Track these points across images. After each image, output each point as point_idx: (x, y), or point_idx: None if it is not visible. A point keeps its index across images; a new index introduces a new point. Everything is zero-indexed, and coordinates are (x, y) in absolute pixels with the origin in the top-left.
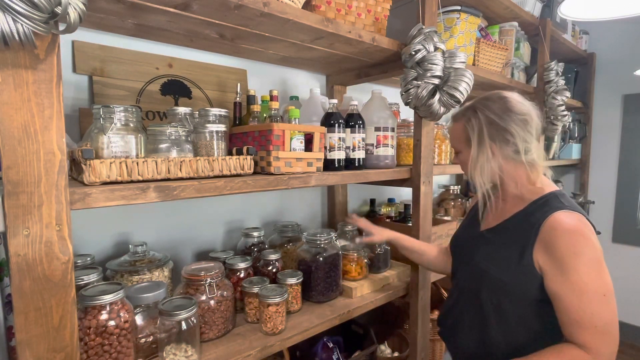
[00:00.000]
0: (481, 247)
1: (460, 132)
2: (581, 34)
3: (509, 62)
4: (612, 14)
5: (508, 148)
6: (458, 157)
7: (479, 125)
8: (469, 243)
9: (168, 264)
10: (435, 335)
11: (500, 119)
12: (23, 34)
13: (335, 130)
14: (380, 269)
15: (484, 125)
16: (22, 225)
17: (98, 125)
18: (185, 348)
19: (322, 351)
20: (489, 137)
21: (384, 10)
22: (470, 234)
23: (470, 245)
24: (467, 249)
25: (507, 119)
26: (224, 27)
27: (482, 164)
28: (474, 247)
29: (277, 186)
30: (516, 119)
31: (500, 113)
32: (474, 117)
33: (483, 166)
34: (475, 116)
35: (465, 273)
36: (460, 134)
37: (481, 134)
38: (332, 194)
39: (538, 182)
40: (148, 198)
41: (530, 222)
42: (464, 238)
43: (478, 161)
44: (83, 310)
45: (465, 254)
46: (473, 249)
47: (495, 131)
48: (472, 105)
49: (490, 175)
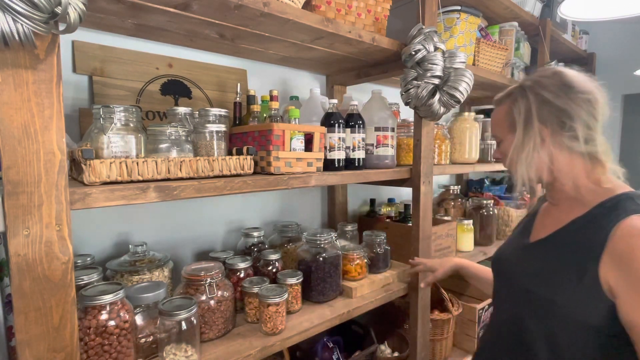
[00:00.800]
0: (527, 262)
1: (503, 117)
2: (581, 34)
3: (509, 62)
4: (612, 14)
5: (563, 133)
6: (499, 148)
7: (526, 105)
8: (512, 257)
9: (168, 264)
10: (435, 335)
11: (556, 96)
12: (23, 34)
13: (335, 130)
14: (380, 269)
15: (533, 104)
16: (22, 225)
17: (98, 125)
18: (185, 348)
19: (322, 351)
20: (538, 119)
21: (384, 10)
22: (515, 247)
23: (513, 259)
24: (508, 264)
25: (565, 97)
26: (224, 27)
27: (529, 152)
28: (517, 262)
29: (277, 186)
30: (577, 98)
31: (556, 90)
32: (522, 97)
33: (529, 155)
34: (524, 95)
35: (507, 295)
36: (503, 119)
37: (529, 115)
38: (332, 194)
39: (604, 182)
40: (148, 198)
41: (594, 230)
42: (507, 251)
43: (523, 148)
44: (83, 310)
45: (506, 271)
46: (516, 265)
47: (547, 112)
48: (521, 84)
49: (538, 167)
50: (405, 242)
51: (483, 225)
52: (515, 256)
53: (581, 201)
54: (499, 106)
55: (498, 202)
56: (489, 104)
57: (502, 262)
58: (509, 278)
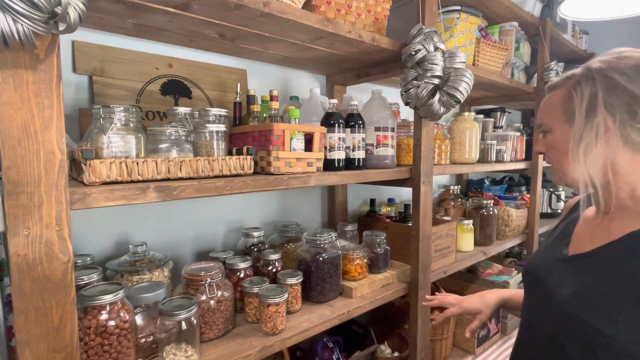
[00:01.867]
0: (569, 279)
1: (557, 103)
2: (581, 34)
3: (509, 62)
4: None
5: (634, 125)
6: (545, 139)
7: (592, 89)
8: (550, 270)
9: (168, 264)
10: (435, 335)
11: (631, 81)
12: (23, 34)
13: (335, 130)
14: (380, 269)
15: (600, 89)
16: (22, 225)
17: (98, 125)
18: (185, 348)
19: (322, 351)
20: (604, 105)
21: (384, 10)
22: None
23: (552, 273)
24: (545, 278)
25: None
26: (224, 27)
27: (589, 143)
28: (556, 278)
29: (277, 186)
30: None
31: (632, 73)
32: (586, 80)
33: (590, 147)
34: (590, 78)
35: (544, 314)
36: (557, 105)
37: (593, 101)
38: (332, 194)
39: None
40: (148, 198)
41: None
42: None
43: (582, 139)
44: (83, 310)
45: (542, 286)
46: (555, 281)
47: (617, 98)
48: (586, 66)
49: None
50: (405, 242)
51: (483, 225)
52: (554, 270)
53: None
54: (555, 90)
55: (498, 202)
56: (489, 104)
57: (537, 276)
58: (548, 295)
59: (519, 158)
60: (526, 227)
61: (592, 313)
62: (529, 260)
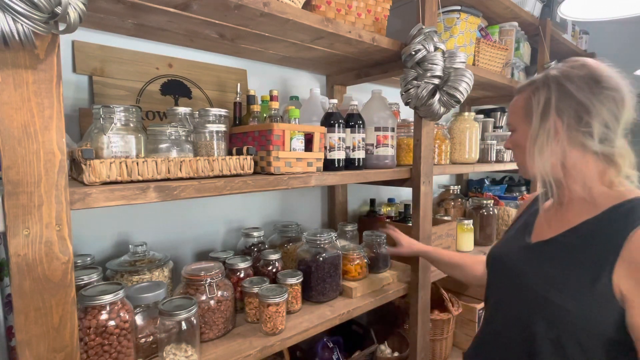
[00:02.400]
0: (533, 264)
1: (521, 105)
2: (581, 34)
3: (509, 62)
4: (612, 14)
5: (579, 129)
6: (511, 137)
7: (547, 95)
8: (515, 257)
9: (168, 264)
10: (435, 335)
11: (578, 89)
12: (23, 34)
13: (335, 130)
14: (380, 269)
15: (553, 95)
16: (22, 225)
17: (98, 125)
18: (185, 348)
19: (322, 351)
20: (555, 110)
21: (384, 10)
22: (516, 246)
23: (518, 259)
24: (511, 264)
25: (587, 91)
26: (224, 27)
27: (542, 144)
28: (522, 264)
29: (277, 186)
30: (600, 94)
31: (580, 82)
32: (543, 86)
33: (543, 146)
34: (546, 84)
35: (511, 296)
36: (521, 107)
37: (547, 106)
38: (332, 194)
39: (617, 185)
40: (148, 198)
41: (607, 235)
42: (508, 249)
43: (537, 140)
44: (83, 310)
45: (508, 271)
46: (521, 266)
47: (566, 104)
48: (545, 73)
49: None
50: None
51: (483, 225)
52: (519, 256)
53: (592, 203)
54: (519, 94)
55: (498, 202)
56: (489, 104)
57: (503, 262)
58: (514, 279)
59: None
60: None
61: (555, 292)
62: (493, 249)
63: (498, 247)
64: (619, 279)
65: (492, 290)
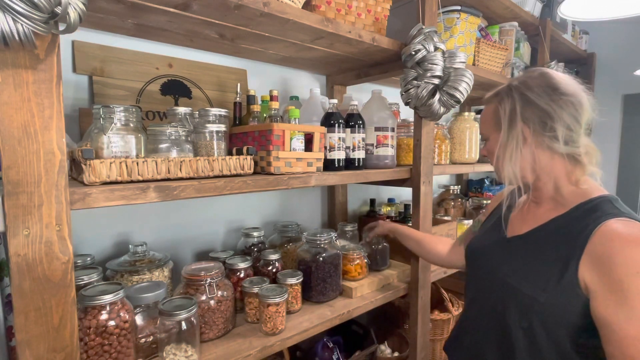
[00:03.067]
0: (508, 257)
1: (490, 115)
2: (581, 34)
3: (509, 62)
4: (612, 14)
5: (545, 134)
6: (485, 145)
7: (511, 104)
8: (491, 251)
9: (168, 264)
10: (435, 335)
11: (539, 97)
12: (23, 34)
13: (335, 130)
14: (380, 268)
15: (517, 104)
16: (22, 225)
17: (98, 125)
18: (185, 348)
19: (322, 351)
20: (521, 119)
21: (384, 10)
22: (492, 240)
23: (493, 253)
24: (488, 257)
25: (547, 99)
26: (224, 27)
27: (512, 150)
28: (498, 257)
29: (277, 186)
30: (559, 100)
31: (540, 91)
32: (507, 97)
33: (513, 153)
34: (509, 95)
35: (487, 288)
36: (490, 117)
37: (513, 115)
38: (332, 194)
39: (582, 183)
40: (148, 198)
41: (574, 231)
42: (484, 244)
43: (507, 147)
44: (83, 310)
45: (485, 264)
46: (497, 259)
47: (530, 112)
48: (508, 84)
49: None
50: None
51: None
52: (495, 250)
53: (561, 201)
54: (487, 105)
55: None
56: None
57: (480, 256)
58: (490, 272)
59: None
60: None
61: (527, 284)
62: (471, 243)
63: (475, 241)
64: (584, 272)
65: (470, 283)
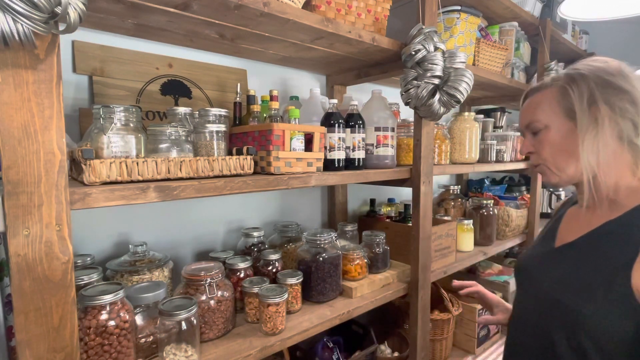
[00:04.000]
0: (553, 268)
1: (551, 99)
2: (581, 34)
3: (509, 62)
4: (612, 14)
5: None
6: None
7: (589, 86)
8: (537, 263)
9: (168, 264)
10: (435, 335)
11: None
12: (23, 34)
13: (335, 130)
14: (380, 269)
15: (595, 86)
16: (22, 225)
17: (98, 125)
18: (185, 348)
19: (322, 351)
20: (603, 100)
21: (384, 10)
22: (540, 252)
23: (538, 265)
24: (532, 270)
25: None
26: (224, 27)
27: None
28: (543, 269)
29: (277, 186)
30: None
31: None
32: (581, 79)
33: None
34: (582, 77)
35: (530, 304)
36: (553, 101)
37: (592, 96)
38: (332, 194)
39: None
40: (148, 198)
41: (627, 235)
42: (532, 257)
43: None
44: (83, 310)
45: (530, 278)
46: (541, 271)
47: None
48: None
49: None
50: (405, 242)
51: (483, 225)
52: (540, 261)
53: (618, 203)
54: (542, 91)
55: (498, 202)
56: (489, 104)
57: (525, 269)
58: (534, 287)
59: (519, 158)
60: (526, 227)
61: (569, 295)
62: (519, 260)
63: (524, 256)
64: (638, 279)
65: (516, 299)
